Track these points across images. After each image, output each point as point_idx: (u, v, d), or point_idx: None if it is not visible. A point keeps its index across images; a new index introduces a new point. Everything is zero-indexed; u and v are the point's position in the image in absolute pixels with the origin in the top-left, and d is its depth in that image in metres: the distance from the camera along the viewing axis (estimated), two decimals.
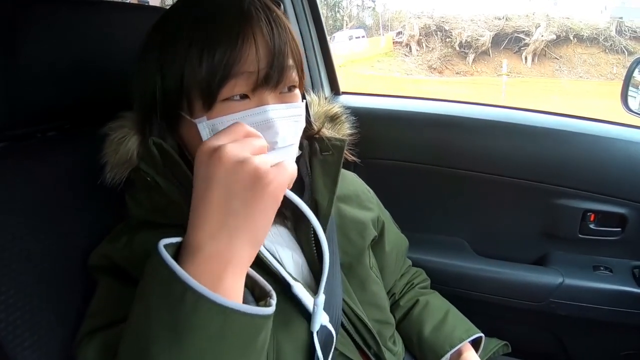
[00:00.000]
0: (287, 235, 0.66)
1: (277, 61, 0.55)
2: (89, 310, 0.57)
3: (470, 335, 0.81)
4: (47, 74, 0.66)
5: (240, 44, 0.54)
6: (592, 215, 1.08)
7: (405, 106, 1.26)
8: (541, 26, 10.01)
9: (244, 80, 0.54)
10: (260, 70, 0.54)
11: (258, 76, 0.54)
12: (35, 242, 0.59)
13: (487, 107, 1.22)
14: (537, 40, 9.96)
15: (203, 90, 0.54)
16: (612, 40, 9.97)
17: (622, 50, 9.91)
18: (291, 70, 0.58)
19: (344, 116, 0.75)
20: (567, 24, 10.21)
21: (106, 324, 0.53)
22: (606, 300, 1.03)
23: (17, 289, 0.56)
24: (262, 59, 0.54)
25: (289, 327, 0.58)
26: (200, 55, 0.53)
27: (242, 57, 0.54)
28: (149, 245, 0.54)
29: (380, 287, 0.76)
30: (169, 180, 0.56)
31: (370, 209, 0.79)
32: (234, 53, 0.53)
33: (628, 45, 9.90)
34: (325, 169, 0.67)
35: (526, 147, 1.10)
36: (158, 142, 0.55)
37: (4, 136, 0.67)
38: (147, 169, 0.56)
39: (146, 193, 0.59)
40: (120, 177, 0.59)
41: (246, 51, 0.54)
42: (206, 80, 0.53)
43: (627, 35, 9.95)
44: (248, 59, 0.54)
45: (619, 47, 9.94)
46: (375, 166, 1.19)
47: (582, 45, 10.08)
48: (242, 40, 0.54)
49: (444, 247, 1.16)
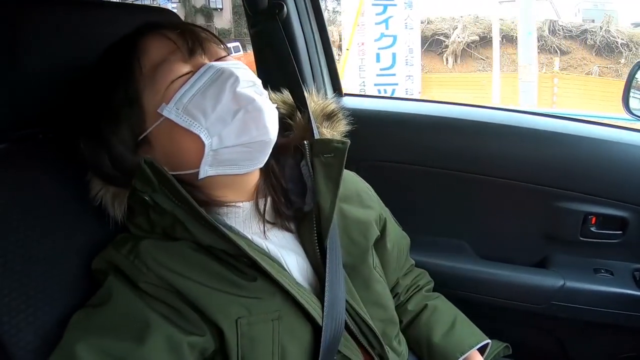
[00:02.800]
0: (291, 239, 0.67)
1: (188, 35, 0.61)
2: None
3: (479, 342, 0.82)
4: (49, 76, 0.66)
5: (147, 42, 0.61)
6: (593, 218, 1.08)
7: (408, 108, 1.26)
8: (458, 28, 10.17)
9: (174, 60, 0.59)
10: (179, 47, 0.60)
11: (182, 50, 0.60)
12: (38, 244, 0.59)
13: (489, 109, 1.23)
14: (454, 42, 10.17)
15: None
16: (543, 40, 10.14)
17: (554, 50, 10.09)
18: (208, 41, 0.64)
19: (341, 113, 0.76)
20: (501, 27, 10.35)
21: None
22: (607, 302, 1.03)
23: (20, 292, 0.56)
24: (174, 40, 0.61)
25: (294, 332, 0.59)
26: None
27: (151, 47, 0.60)
28: (152, 254, 0.56)
29: (384, 286, 0.76)
30: (168, 198, 0.57)
31: (372, 208, 0.79)
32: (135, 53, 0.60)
33: (561, 44, 10.07)
34: (328, 171, 0.67)
35: (528, 150, 1.11)
36: (149, 161, 0.56)
37: (6, 137, 0.67)
38: (142, 188, 0.57)
39: (144, 215, 0.60)
40: (123, 207, 0.62)
41: (153, 43, 0.61)
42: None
43: (560, 34, 10.09)
44: (159, 46, 0.60)
45: (551, 47, 10.12)
46: (378, 168, 1.19)
47: (513, 46, 10.10)
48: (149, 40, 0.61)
49: (445, 249, 1.17)
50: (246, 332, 0.55)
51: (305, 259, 0.66)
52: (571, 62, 10.06)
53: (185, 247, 0.58)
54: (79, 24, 0.70)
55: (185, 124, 0.57)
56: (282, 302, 0.59)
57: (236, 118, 0.57)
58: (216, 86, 0.57)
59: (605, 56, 9.91)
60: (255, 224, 0.64)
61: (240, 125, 0.57)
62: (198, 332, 0.54)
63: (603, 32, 9.83)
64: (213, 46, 0.64)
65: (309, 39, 1.27)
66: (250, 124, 0.58)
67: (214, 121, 0.57)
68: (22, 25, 0.63)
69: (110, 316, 0.53)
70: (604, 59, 9.92)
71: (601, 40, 9.86)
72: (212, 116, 0.56)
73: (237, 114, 0.57)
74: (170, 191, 0.57)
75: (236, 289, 0.57)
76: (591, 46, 9.97)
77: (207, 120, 0.56)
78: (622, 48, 9.72)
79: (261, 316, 0.57)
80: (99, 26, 0.72)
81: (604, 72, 9.76)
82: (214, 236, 0.57)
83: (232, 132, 0.57)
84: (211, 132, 0.57)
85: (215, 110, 0.56)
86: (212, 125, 0.57)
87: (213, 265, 0.58)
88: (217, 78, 0.58)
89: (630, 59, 9.66)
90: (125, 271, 0.56)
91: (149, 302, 0.54)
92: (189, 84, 0.57)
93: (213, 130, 0.57)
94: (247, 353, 0.55)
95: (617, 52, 9.75)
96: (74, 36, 0.69)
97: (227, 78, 0.57)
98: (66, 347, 0.50)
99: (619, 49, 9.72)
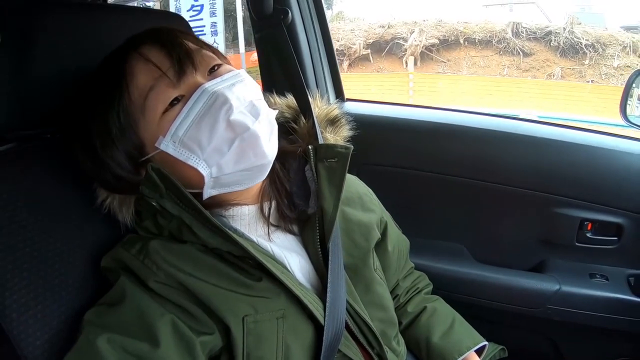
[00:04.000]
0: (294, 241, 0.68)
1: (174, 55, 0.58)
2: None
3: (476, 343, 0.84)
4: (57, 76, 0.66)
5: (126, 73, 0.58)
6: (589, 224, 1.10)
7: (409, 114, 1.28)
8: (415, 32, 10.32)
9: (162, 86, 0.57)
10: (167, 69, 0.58)
11: (168, 75, 0.57)
12: (46, 242, 0.60)
13: (489, 116, 1.24)
14: (411, 45, 10.31)
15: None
16: (506, 42, 10.15)
17: (517, 52, 10.09)
18: (198, 52, 0.61)
19: (344, 118, 0.77)
20: (458, 29, 10.43)
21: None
22: (602, 307, 1.04)
23: (29, 289, 0.56)
24: (159, 65, 0.58)
25: (297, 331, 0.60)
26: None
27: (132, 79, 0.58)
28: (162, 254, 0.57)
29: (384, 288, 0.77)
30: (175, 203, 0.58)
31: (373, 211, 0.80)
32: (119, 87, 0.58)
33: (524, 46, 10.04)
34: (331, 175, 0.68)
35: (526, 157, 1.13)
36: (156, 168, 0.57)
37: (14, 137, 0.68)
38: (150, 193, 0.58)
39: (152, 219, 0.61)
40: (131, 211, 0.63)
41: (134, 73, 0.58)
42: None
43: (523, 36, 10.11)
44: (140, 75, 0.58)
45: (513, 49, 10.14)
46: (378, 172, 1.21)
47: (475, 48, 10.30)
48: (126, 69, 0.58)
49: (443, 252, 1.18)
50: (252, 329, 0.57)
51: (308, 260, 0.67)
52: (534, 64, 10.05)
53: (193, 249, 0.59)
54: (88, 26, 0.71)
55: (182, 157, 0.56)
56: (287, 301, 0.60)
57: (233, 147, 0.56)
58: (210, 115, 0.56)
59: (571, 57, 9.90)
60: (259, 226, 0.66)
61: (237, 153, 0.57)
62: (208, 331, 0.56)
63: (566, 34, 9.84)
64: (205, 55, 0.62)
65: (312, 44, 1.28)
66: (248, 151, 0.57)
67: (210, 152, 0.56)
68: (32, 28, 0.63)
69: (125, 316, 0.53)
70: (568, 60, 9.91)
71: (565, 42, 9.85)
72: (209, 148, 0.56)
73: (233, 143, 0.56)
74: (177, 196, 0.58)
75: (243, 289, 0.58)
76: (555, 47, 9.97)
77: (204, 152, 0.56)
78: (587, 49, 9.72)
79: (267, 315, 0.58)
80: (108, 30, 0.73)
81: (567, 74, 9.78)
82: (220, 239, 0.58)
83: (230, 161, 0.57)
84: (209, 162, 0.57)
85: (211, 142, 0.56)
86: (210, 157, 0.56)
87: (220, 266, 0.59)
88: (211, 106, 0.56)
89: (596, 60, 9.68)
90: (135, 270, 0.57)
91: (161, 303, 0.55)
92: (183, 115, 0.56)
93: (211, 161, 0.57)
94: (252, 350, 0.56)
95: (582, 53, 9.76)
96: (82, 39, 0.70)
97: (221, 106, 0.56)
98: (86, 341, 0.51)
99: (583, 50, 9.73)
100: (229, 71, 0.62)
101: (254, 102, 0.59)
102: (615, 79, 9.41)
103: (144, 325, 0.52)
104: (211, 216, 0.57)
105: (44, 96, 0.66)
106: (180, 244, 0.60)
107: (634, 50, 9.59)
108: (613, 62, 9.56)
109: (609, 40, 9.80)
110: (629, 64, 9.45)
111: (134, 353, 0.50)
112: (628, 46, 9.62)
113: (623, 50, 9.66)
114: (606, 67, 9.63)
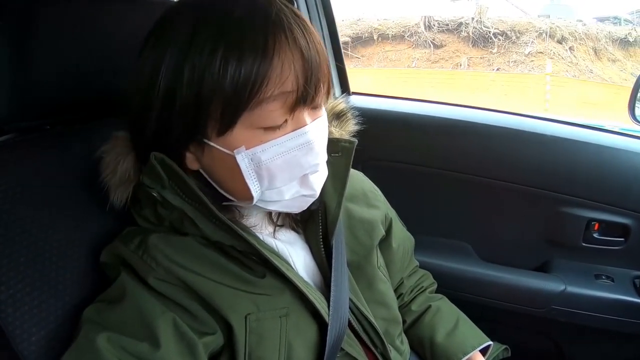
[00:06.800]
0: (297, 237, 0.67)
1: (313, 76, 0.51)
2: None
3: (481, 343, 0.83)
4: (58, 67, 0.65)
5: (271, 59, 0.48)
6: (596, 224, 1.09)
7: (415, 109, 1.27)
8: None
9: (279, 102, 0.50)
10: (298, 88, 0.50)
11: (297, 95, 0.50)
12: (44, 235, 0.58)
13: (496, 113, 1.23)
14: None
15: (224, 110, 0.49)
16: (417, 36, 10.53)
17: (428, 45, 10.46)
18: (325, 83, 0.54)
19: (350, 113, 0.75)
20: (373, 26, 10.79)
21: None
22: (607, 309, 1.04)
23: (25, 283, 0.55)
24: (299, 75, 0.50)
25: (300, 329, 0.59)
26: (224, 65, 0.48)
27: (276, 75, 0.48)
28: (161, 249, 0.56)
29: (387, 286, 0.76)
30: (177, 195, 0.56)
31: (378, 208, 0.79)
32: (263, 67, 0.48)
33: (435, 39, 10.42)
34: (335, 171, 0.66)
35: (533, 155, 1.11)
36: (160, 158, 0.54)
37: (13, 128, 0.66)
38: (151, 184, 0.55)
39: (151, 208, 0.59)
40: (126, 196, 0.58)
41: (278, 67, 0.48)
42: (230, 99, 0.49)
43: (435, 29, 10.46)
44: (282, 76, 0.49)
45: (425, 42, 10.52)
46: (383, 168, 1.20)
47: (390, 43, 10.69)
48: (273, 54, 0.48)
49: (448, 250, 1.17)
50: (255, 328, 0.56)
51: (311, 257, 0.66)
52: (443, 55, 10.36)
53: (194, 243, 0.58)
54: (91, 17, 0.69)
55: (247, 177, 0.53)
56: (291, 299, 0.59)
57: (291, 195, 0.56)
58: (293, 167, 0.54)
59: (482, 47, 10.20)
60: (264, 224, 0.65)
61: (289, 202, 0.58)
62: (210, 330, 0.54)
63: (474, 23, 10.11)
64: (323, 88, 0.55)
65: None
66: (298, 202, 0.58)
67: (272, 192, 0.55)
68: (32, 19, 0.62)
69: (125, 315, 0.52)
70: (480, 49, 10.21)
71: (474, 32, 10.13)
72: (274, 188, 0.55)
73: (295, 194, 0.57)
74: (181, 188, 0.56)
75: (246, 286, 0.57)
76: (466, 38, 10.27)
77: (267, 189, 0.55)
78: (496, 38, 10.02)
79: (269, 313, 0.57)
80: (111, 22, 0.71)
81: (476, 63, 10.11)
82: (224, 233, 0.57)
83: (280, 205, 0.58)
84: (264, 195, 0.56)
85: (279, 186, 0.55)
86: (268, 193, 0.56)
87: (222, 261, 0.58)
88: (301, 157, 0.54)
89: (508, 48, 9.99)
90: (134, 266, 0.55)
91: (162, 301, 0.53)
92: (277, 144, 0.52)
93: (267, 195, 0.56)
94: (254, 349, 0.55)
95: (491, 42, 10.10)
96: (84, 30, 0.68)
97: (308, 165, 0.55)
98: (86, 340, 0.49)
99: (492, 39, 10.04)
100: (323, 115, 0.58)
101: (325, 161, 0.59)
102: (524, 66, 9.73)
103: (144, 324, 0.51)
104: (217, 211, 0.56)
105: (43, 87, 0.64)
106: (181, 237, 0.58)
107: (552, 35, 9.84)
108: (525, 49, 9.83)
109: (525, 28, 10.07)
110: (542, 50, 9.76)
111: (134, 353, 0.49)
112: (544, 32, 9.87)
113: (539, 36, 9.91)
114: (517, 55, 9.94)
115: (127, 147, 0.59)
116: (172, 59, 0.50)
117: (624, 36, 10.16)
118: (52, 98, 0.66)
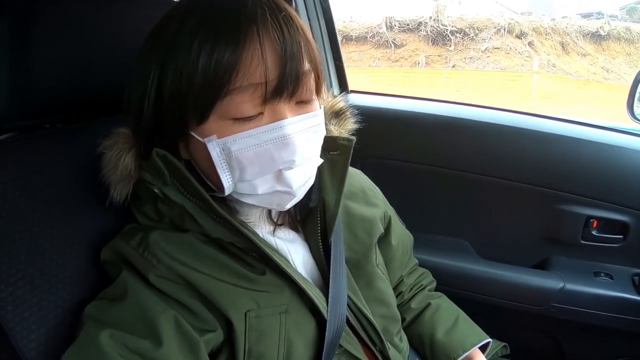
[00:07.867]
0: (296, 235, 0.67)
1: (289, 68, 0.51)
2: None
3: (480, 340, 0.83)
4: (57, 66, 0.65)
5: (241, 50, 0.49)
6: (595, 221, 1.09)
7: (414, 107, 1.27)
8: None
9: (248, 93, 0.50)
10: (270, 81, 0.50)
11: (267, 88, 0.50)
12: (44, 233, 0.59)
13: (495, 110, 1.23)
14: None
15: (197, 100, 0.51)
16: (379, 36, 10.78)
17: (389, 44, 10.69)
18: (308, 76, 0.54)
19: (349, 111, 0.75)
20: (338, 28, 11.04)
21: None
22: (606, 306, 1.04)
23: (25, 281, 0.55)
24: (271, 68, 0.50)
25: (299, 326, 0.60)
26: (197, 56, 0.49)
27: (245, 66, 0.49)
28: (162, 246, 0.56)
29: (386, 283, 0.76)
30: (179, 191, 0.56)
31: (377, 205, 0.79)
32: (232, 58, 0.49)
33: (396, 38, 10.68)
34: (333, 168, 0.67)
35: (532, 152, 1.11)
36: (162, 154, 0.54)
37: (13, 126, 0.66)
38: (153, 180, 0.55)
39: (152, 204, 0.59)
40: (126, 192, 0.59)
41: (247, 58, 0.49)
42: (202, 89, 0.50)
43: (395, 29, 10.69)
44: (251, 67, 0.49)
45: (386, 42, 10.76)
46: (381, 165, 1.20)
47: (354, 44, 10.94)
48: (244, 46, 0.49)
49: (447, 248, 1.18)
50: (254, 325, 0.56)
51: (310, 254, 0.67)
52: (403, 54, 10.59)
53: (195, 239, 0.58)
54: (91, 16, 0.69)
55: (218, 166, 0.53)
56: (290, 296, 0.59)
57: (266, 190, 0.55)
58: (269, 157, 0.52)
59: (441, 45, 10.42)
60: (264, 222, 0.65)
61: (266, 197, 0.56)
62: (210, 328, 0.55)
63: (432, 22, 10.35)
64: (309, 83, 0.54)
65: (316, 35, 1.27)
66: (276, 199, 0.57)
67: (244, 184, 0.54)
68: (33, 17, 0.62)
69: (127, 312, 0.52)
70: (439, 47, 10.43)
71: (431, 30, 10.36)
72: (246, 180, 0.54)
73: (269, 189, 0.55)
74: (182, 185, 0.56)
75: (246, 282, 0.57)
76: (425, 37, 10.51)
77: (240, 179, 0.54)
78: (454, 36, 10.25)
79: (269, 309, 0.57)
80: (112, 20, 0.72)
81: (434, 60, 10.36)
82: (224, 229, 0.57)
83: (255, 199, 0.56)
84: (237, 188, 0.55)
85: (252, 177, 0.54)
86: (240, 185, 0.55)
87: (223, 258, 0.58)
88: (274, 151, 0.52)
89: (466, 45, 10.22)
90: (135, 263, 0.55)
91: (163, 299, 0.54)
92: (247, 136, 0.51)
93: (239, 188, 0.55)
94: (254, 345, 0.55)
95: (448, 40, 10.32)
96: (84, 28, 0.68)
97: (284, 156, 0.52)
98: (88, 337, 0.50)
99: (449, 37, 10.28)
100: (312, 112, 0.56)
101: (312, 161, 0.57)
102: (479, 62, 9.96)
103: (146, 322, 0.51)
104: (218, 207, 0.56)
105: (42, 86, 0.64)
106: (181, 233, 0.58)
107: (510, 31, 10.02)
108: (482, 45, 10.06)
109: (484, 25, 10.28)
110: (499, 45, 9.95)
111: (136, 350, 0.49)
112: (503, 28, 10.06)
113: (497, 32, 10.10)
114: (474, 51, 10.14)
115: (128, 143, 0.59)
116: (161, 50, 0.53)
117: (595, 30, 10.26)
118: (52, 97, 0.66)
